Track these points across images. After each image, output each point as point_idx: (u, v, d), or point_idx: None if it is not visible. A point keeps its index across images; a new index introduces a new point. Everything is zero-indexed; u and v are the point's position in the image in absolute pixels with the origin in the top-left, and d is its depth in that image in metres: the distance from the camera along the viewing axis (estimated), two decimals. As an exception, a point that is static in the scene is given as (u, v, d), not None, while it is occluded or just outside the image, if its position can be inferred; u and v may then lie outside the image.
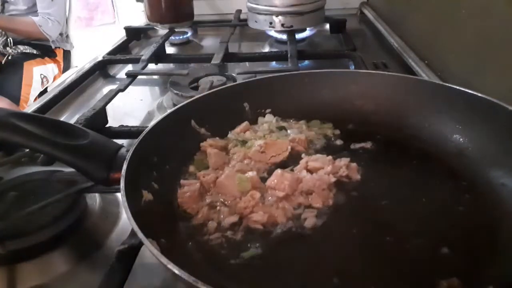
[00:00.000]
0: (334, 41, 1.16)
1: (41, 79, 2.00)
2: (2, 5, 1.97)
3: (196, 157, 0.53)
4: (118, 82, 0.88)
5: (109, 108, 0.73)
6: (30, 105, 0.95)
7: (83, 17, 2.61)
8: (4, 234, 0.44)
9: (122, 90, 0.79)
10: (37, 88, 1.98)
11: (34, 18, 1.95)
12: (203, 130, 0.56)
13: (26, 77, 1.95)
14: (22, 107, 1.85)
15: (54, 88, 0.90)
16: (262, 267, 0.38)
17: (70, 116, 0.82)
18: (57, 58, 2.12)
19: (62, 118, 0.81)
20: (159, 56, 1.01)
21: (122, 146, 0.46)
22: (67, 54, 2.19)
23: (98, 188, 0.50)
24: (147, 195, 0.42)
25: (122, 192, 0.37)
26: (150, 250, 0.31)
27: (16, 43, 2.00)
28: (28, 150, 0.54)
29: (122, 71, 1.04)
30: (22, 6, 1.99)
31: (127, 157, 0.41)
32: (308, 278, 0.37)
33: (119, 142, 0.48)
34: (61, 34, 2.10)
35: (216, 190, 0.47)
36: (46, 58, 2.06)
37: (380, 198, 0.46)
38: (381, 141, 0.55)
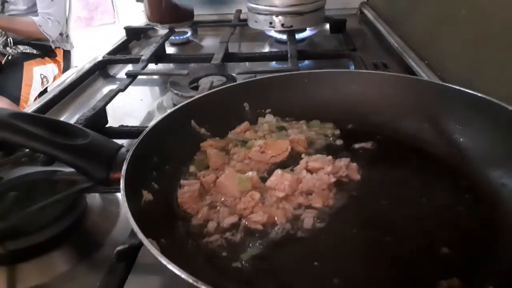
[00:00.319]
0: (334, 41, 1.16)
1: (41, 79, 2.00)
2: (2, 5, 1.97)
3: (196, 157, 0.53)
4: (118, 82, 0.88)
5: (109, 108, 0.73)
6: (30, 105, 0.94)
7: (83, 17, 2.61)
8: (4, 234, 0.44)
9: (122, 90, 0.79)
10: (37, 88, 1.98)
11: (34, 18, 1.95)
12: (203, 130, 0.56)
13: (26, 77, 1.95)
14: (22, 107, 1.85)
15: (54, 88, 0.90)
16: (262, 268, 0.38)
17: (70, 116, 0.82)
18: (57, 58, 2.11)
19: (62, 118, 0.81)
20: (159, 56, 1.01)
21: (122, 146, 0.46)
22: (67, 54, 2.19)
23: (98, 188, 0.50)
24: (147, 195, 0.42)
25: (122, 192, 0.37)
26: (150, 250, 0.31)
27: (16, 43, 2.00)
28: (28, 150, 0.54)
29: (122, 71, 1.04)
30: (22, 6, 1.99)
31: (127, 157, 0.41)
32: (308, 278, 0.37)
33: (119, 142, 0.48)
34: (61, 34, 2.10)
35: (216, 190, 0.47)
36: (46, 58, 2.06)
37: (380, 198, 0.46)
38: (381, 141, 0.55)
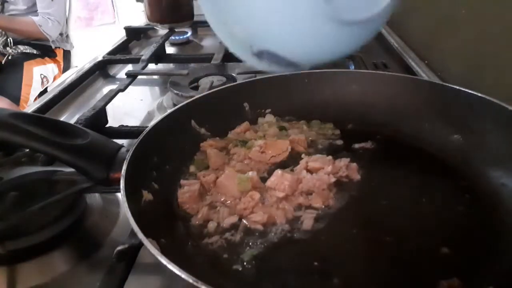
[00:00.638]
0: (334, 41, 1.16)
1: (41, 79, 2.00)
2: (2, 5, 1.97)
3: (196, 157, 0.53)
4: (118, 82, 0.88)
5: (109, 108, 0.73)
6: (30, 105, 0.94)
7: (83, 17, 2.61)
8: (4, 234, 0.44)
9: (122, 90, 0.79)
10: (37, 88, 1.97)
11: (34, 18, 1.94)
12: (203, 130, 0.56)
13: (26, 77, 1.95)
14: (22, 107, 1.85)
15: (54, 88, 0.90)
16: (262, 268, 0.38)
17: (70, 116, 0.82)
18: (57, 58, 2.11)
19: (62, 118, 0.81)
20: (159, 56, 1.01)
21: (122, 146, 0.46)
22: (67, 54, 2.18)
23: (98, 188, 0.49)
24: (147, 195, 0.42)
25: (122, 192, 0.37)
26: (150, 250, 0.31)
27: (16, 43, 2.00)
28: (28, 150, 0.54)
29: (122, 71, 1.04)
30: (22, 6, 1.98)
31: (127, 157, 0.41)
32: (307, 278, 0.37)
33: (119, 142, 0.48)
34: (61, 34, 2.10)
35: (216, 190, 0.47)
36: (46, 58, 2.06)
37: (380, 198, 0.46)
38: (381, 141, 0.55)
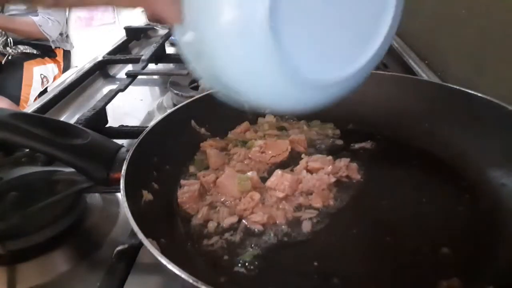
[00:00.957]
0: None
1: (41, 79, 2.00)
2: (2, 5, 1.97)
3: (196, 157, 0.53)
4: (118, 82, 0.88)
5: (109, 108, 0.73)
6: (30, 105, 0.94)
7: (83, 17, 2.60)
8: (4, 234, 0.44)
9: (122, 90, 0.79)
10: (37, 88, 1.97)
11: (34, 18, 1.94)
12: (203, 130, 0.56)
13: (26, 77, 1.95)
14: (22, 107, 1.85)
15: (54, 88, 0.90)
16: (262, 268, 0.38)
17: (70, 116, 0.82)
18: (57, 58, 2.11)
19: (62, 118, 0.81)
20: (159, 56, 1.01)
21: (122, 146, 0.46)
22: (67, 54, 2.18)
23: (98, 188, 0.49)
24: (147, 195, 0.42)
25: (122, 192, 0.37)
26: (150, 250, 0.31)
27: (16, 43, 2.00)
28: (28, 150, 0.54)
29: (122, 71, 1.04)
30: (22, 6, 1.98)
31: (127, 157, 0.41)
32: (307, 278, 0.37)
33: (119, 142, 0.48)
34: (61, 34, 2.10)
35: (216, 190, 0.47)
36: (46, 58, 2.06)
37: (380, 198, 0.46)
38: (381, 141, 0.55)
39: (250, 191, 0.45)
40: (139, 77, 0.90)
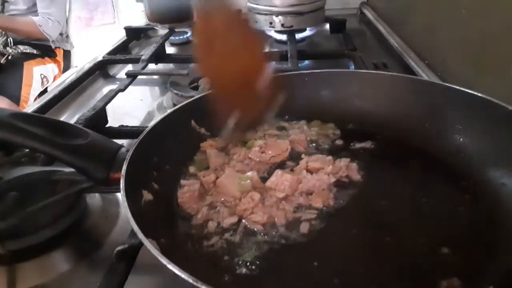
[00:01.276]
0: (334, 41, 1.16)
1: (41, 79, 2.00)
2: (2, 5, 1.97)
3: (196, 157, 0.53)
4: (118, 82, 0.88)
5: (109, 108, 0.73)
6: (30, 105, 0.94)
7: (83, 17, 2.60)
8: (4, 234, 0.44)
9: (122, 90, 0.79)
10: (37, 88, 1.98)
11: (34, 18, 1.94)
12: (203, 130, 0.56)
13: (26, 77, 1.95)
14: (22, 107, 1.85)
15: (54, 88, 0.90)
16: (261, 268, 0.38)
17: (70, 116, 0.82)
18: (57, 58, 2.11)
19: (62, 118, 0.81)
20: (159, 56, 1.01)
21: (122, 146, 0.46)
22: (67, 54, 2.19)
23: (98, 188, 0.49)
24: (147, 195, 0.42)
25: (122, 192, 0.37)
26: (150, 250, 0.31)
27: (16, 43, 2.00)
28: (28, 150, 0.54)
29: (122, 71, 1.04)
30: (22, 6, 1.98)
31: (127, 157, 0.41)
32: (308, 279, 0.37)
33: (119, 142, 0.48)
34: (61, 34, 2.10)
35: (216, 190, 0.47)
36: (46, 58, 2.06)
37: (380, 198, 0.46)
38: (381, 141, 0.55)
39: (250, 191, 0.45)
40: (139, 77, 0.90)
